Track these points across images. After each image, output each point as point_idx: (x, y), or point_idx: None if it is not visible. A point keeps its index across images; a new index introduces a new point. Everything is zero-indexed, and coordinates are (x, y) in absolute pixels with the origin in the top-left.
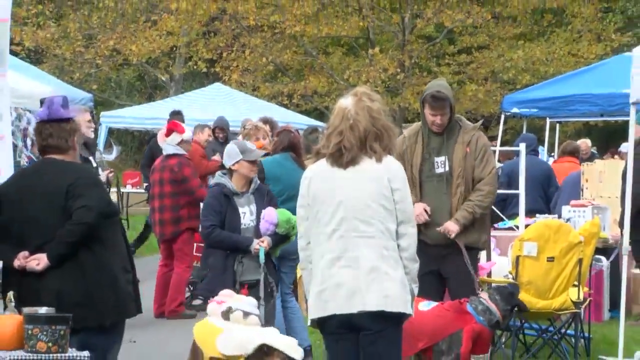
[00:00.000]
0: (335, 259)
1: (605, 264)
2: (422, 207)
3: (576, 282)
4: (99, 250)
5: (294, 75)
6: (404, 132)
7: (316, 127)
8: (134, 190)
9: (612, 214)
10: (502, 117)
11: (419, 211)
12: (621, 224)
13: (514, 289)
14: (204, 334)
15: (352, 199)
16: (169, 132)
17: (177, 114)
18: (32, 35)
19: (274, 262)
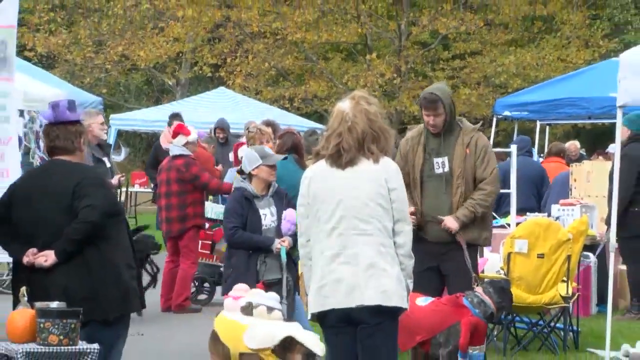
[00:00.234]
0: (334, 256)
1: (592, 260)
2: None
3: (565, 278)
4: (104, 247)
5: (295, 79)
6: (407, 133)
7: (315, 130)
8: (142, 189)
9: (599, 212)
10: (494, 119)
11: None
12: (608, 222)
13: (506, 283)
14: (228, 331)
15: (351, 198)
16: (175, 135)
17: (176, 116)
18: (44, 41)
19: (294, 261)
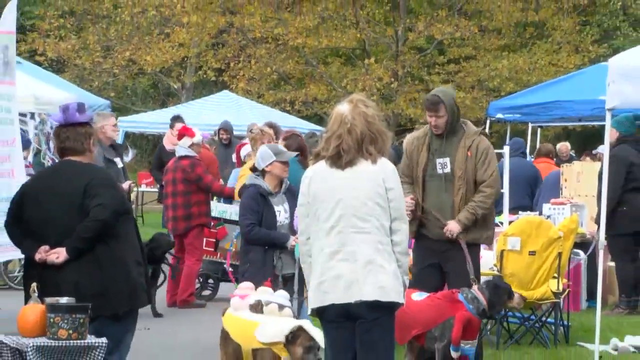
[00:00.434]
0: (334, 253)
1: (582, 257)
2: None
3: (556, 274)
4: (113, 245)
5: (295, 83)
6: (414, 132)
7: (314, 132)
8: (148, 189)
9: (589, 211)
10: (488, 122)
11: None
12: (597, 221)
13: (500, 282)
14: (239, 328)
15: (350, 197)
16: (180, 136)
17: (177, 118)
18: (54, 46)
19: None
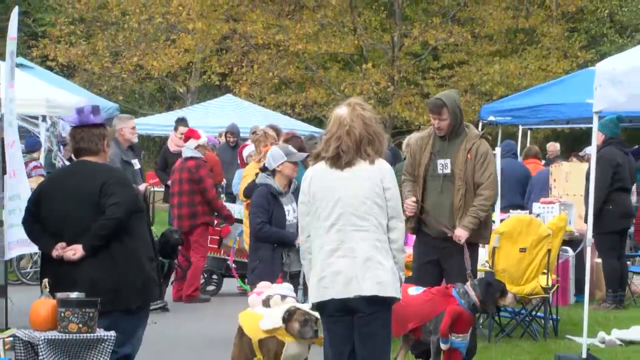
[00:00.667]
0: (333, 250)
1: (571, 254)
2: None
3: (545, 270)
4: (127, 241)
5: (296, 87)
6: (419, 132)
7: (313, 134)
8: (155, 189)
9: (577, 210)
10: (480, 124)
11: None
12: (585, 219)
13: (493, 280)
14: (249, 323)
15: (350, 197)
16: (186, 138)
17: (181, 121)
18: (65, 52)
19: None
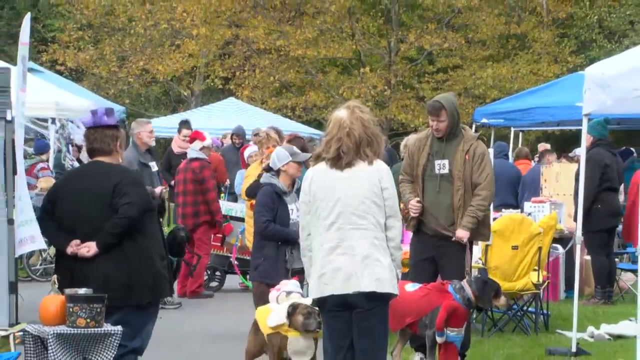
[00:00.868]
0: (333, 248)
1: (561, 251)
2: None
3: (536, 267)
4: (140, 239)
5: (296, 91)
6: (417, 134)
7: (313, 137)
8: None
9: (567, 209)
10: (474, 126)
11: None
12: (575, 218)
13: (489, 279)
14: (262, 319)
15: (349, 196)
16: (191, 140)
17: (185, 123)
18: (73, 56)
19: None
